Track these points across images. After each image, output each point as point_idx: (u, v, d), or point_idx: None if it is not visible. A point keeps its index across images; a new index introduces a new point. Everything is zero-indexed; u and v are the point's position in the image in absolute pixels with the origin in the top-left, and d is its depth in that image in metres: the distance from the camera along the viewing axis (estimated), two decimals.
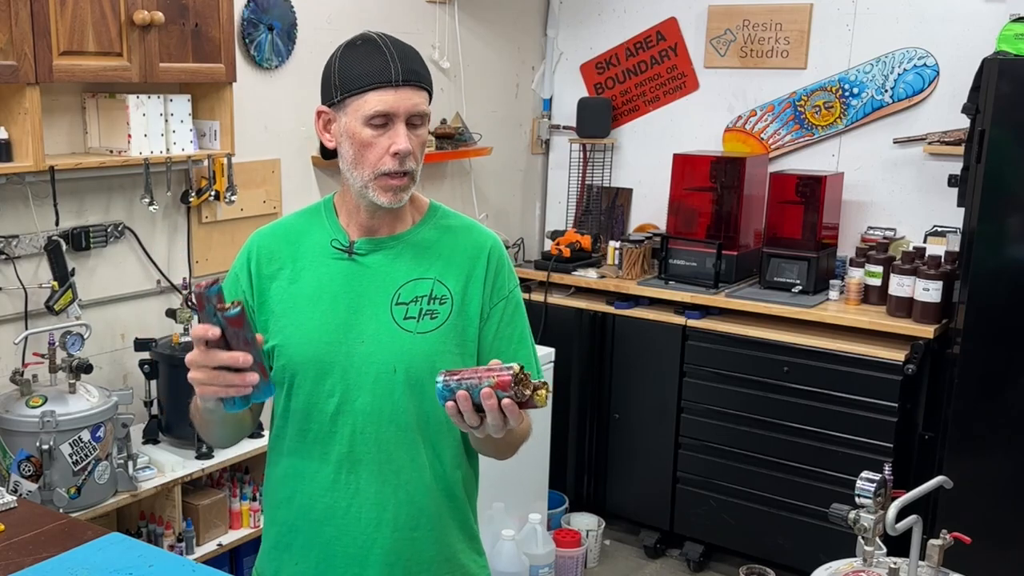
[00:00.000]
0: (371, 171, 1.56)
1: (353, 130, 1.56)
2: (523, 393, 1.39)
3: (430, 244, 1.66)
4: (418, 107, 1.56)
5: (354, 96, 1.55)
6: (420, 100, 1.57)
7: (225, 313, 1.36)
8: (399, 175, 1.56)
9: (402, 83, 1.54)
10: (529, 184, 4.81)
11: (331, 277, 1.63)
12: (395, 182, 1.56)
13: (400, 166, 1.55)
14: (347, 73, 1.57)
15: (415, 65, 1.58)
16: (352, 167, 1.58)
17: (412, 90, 1.55)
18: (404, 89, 1.54)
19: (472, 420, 1.42)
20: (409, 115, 1.55)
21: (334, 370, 1.60)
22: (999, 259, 3.26)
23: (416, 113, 1.56)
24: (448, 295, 1.63)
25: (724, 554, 4.02)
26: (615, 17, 4.55)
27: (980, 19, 3.69)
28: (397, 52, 1.56)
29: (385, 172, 1.55)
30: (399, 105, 1.54)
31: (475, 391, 1.40)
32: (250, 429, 1.75)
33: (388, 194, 1.57)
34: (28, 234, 2.72)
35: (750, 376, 3.75)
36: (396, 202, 1.58)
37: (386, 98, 1.53)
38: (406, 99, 1.54)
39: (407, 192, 1.59)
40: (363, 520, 1.62)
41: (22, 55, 2.39)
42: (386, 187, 1.56)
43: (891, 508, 1.92)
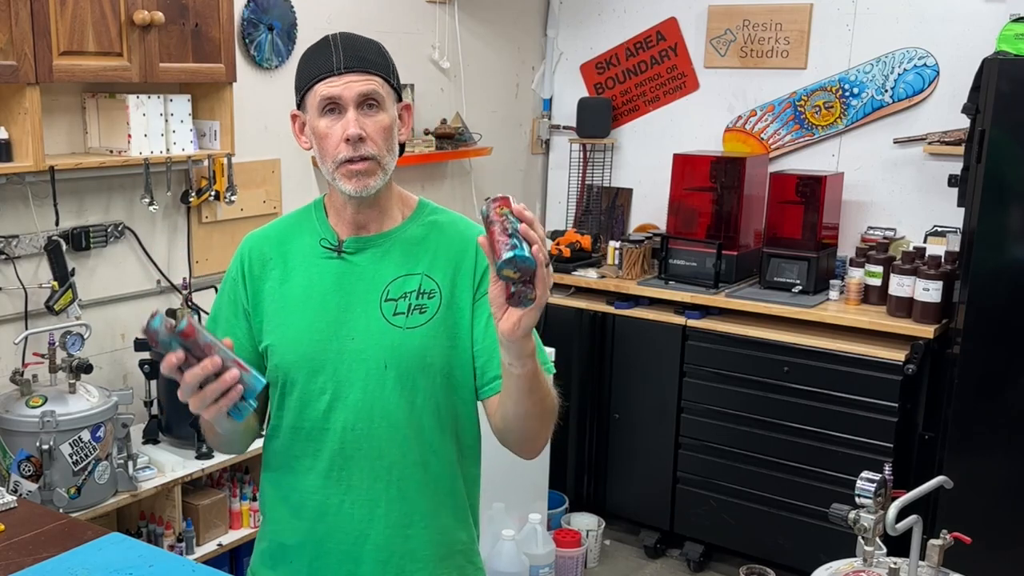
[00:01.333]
0: (332, 161, 1.58)
1: (313, 125, 1.59)
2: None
3: (418, 240, 1.66)
4: (365, 90, 1.56)
5: (308, 92, 1.59)
6: (368, 84, 1.57)
7: (175, 330, 1.37)
8: (357, 160, 1.56)
9: (344, 70, 1.56)
10: (529, 184, 4.81)
11: (321, 276, 1.64)
12: (354, 167, 1.56)
13: (355, 151, 1.56)
14: (301, 72, 1.62)
15: (362, 52, 1.59)
16: (320, 162, 1.62)
17: (357, 75, 1.57)
18: (348, 75, 1.56)
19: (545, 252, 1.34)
20: (357, 100, 1.56)
21: (325, 368, 1.61)
22: (999, 259, 3.26)
23: (365, 96, 1.57)
24: (436, 289, 1.63)
25: (724, 554, 4.02)
26: (615, 17, 4.55)
27: (980, 19, 3.69)
28: (343, 43, 1.59)
29: (344, 159, 1.57)
30: (344, 90, 1.56)
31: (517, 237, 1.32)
32: (260, 430, 1.77)
33: (352, 181, 1.57)
34: (28, 234, 2.72)
35: (750, 376, 3.75)
36: (361, 189, 1.57)
37: (331, 85, 1.56)
38: (351, 84, 1.56)
39: (373, 179, 1.58)
40: (355, 516, 1.62)
41: (22, 55, 2.39)
42: (348, 174, 1.57)
43: (891, 508, 1.92)
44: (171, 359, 1.38)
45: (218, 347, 1.41)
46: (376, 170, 1.58)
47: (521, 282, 1.33)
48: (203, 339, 1.39)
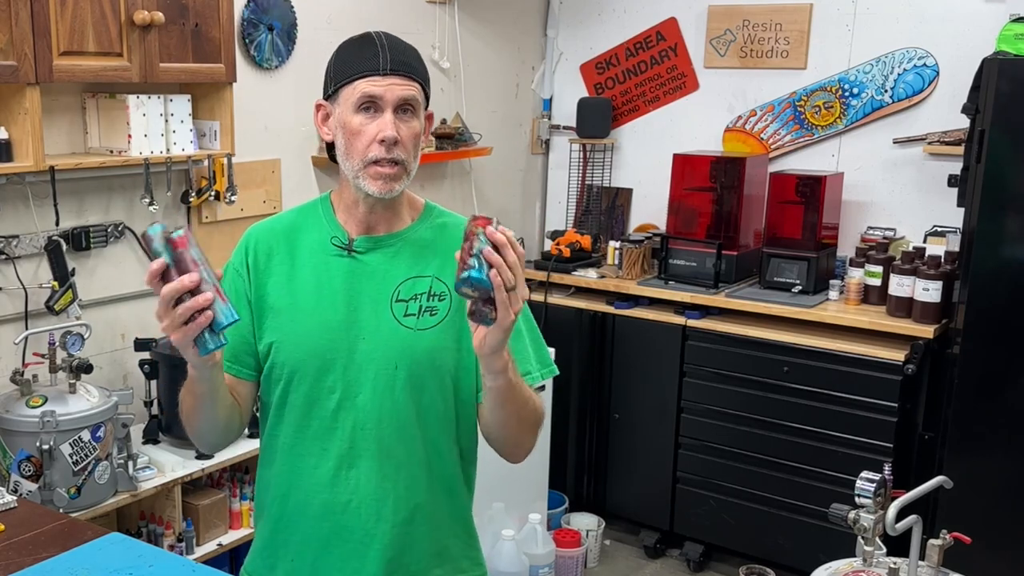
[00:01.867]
0: (360, 159, 1.57)
1: (344, 119, 1.58)
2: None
3: (428, 242, 1.67)
4: (406, 95, 1.57)
5: (345, 85, 1.58)
6: (409, 90, 1.57)
7: (169, 236, 1.35)
8: (388, 163, 1.56)
9: (390, 71, 1.56)
10: (529, 184, 4.81)
11: (330, 274, 1.64)
12: (384, 170, 1.56)
13: (387, 153, 1.56)
14: (340, 65, 1.61)
15: (407, 58, 1.59)
16: (345, 157, 1.60)
17: (400, 79, 1.57)
18: (392, 77, 1.56)
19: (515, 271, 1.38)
20: (397, 103, 1.56)
21: (335, 366, 1.61)
22: (999, 259, 3.26)
23: (404, 101, 1.57)
24: (447, 292, 1.63)
25: (724, 554, 4.02)
26: (615, 17, 4.55)
27: (980, 19, 3.69)
28: (389, 44, 1.59)
29: (373, 160, 1.56)
30: (386, 92, 1.56)
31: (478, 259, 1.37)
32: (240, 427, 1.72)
33: (378, 182, 1.57)
34: (28, 234, 2.72)
35: (750, 376, 3.75)
36: (387, 191, 1.58)
37: (373, 85, 1.56)
38: (394, 87, 1.56)
39: (398, 183, 1.59)
40: (362, 515, 1.62)
41: (22, 55, 2.39)
42: (375, 175, 1.57)
43: (891, 508, 1.92)
44: (153, 266, 1.36)
45: (204, 267, 1.38)
46: (402, 175, 1.59)
47: (480, 300, 1.40)
48: (191, 254, 1.37)
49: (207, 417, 1.64)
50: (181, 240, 1.37)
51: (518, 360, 1.68)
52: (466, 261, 1.39)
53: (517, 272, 1.40)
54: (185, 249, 1.37)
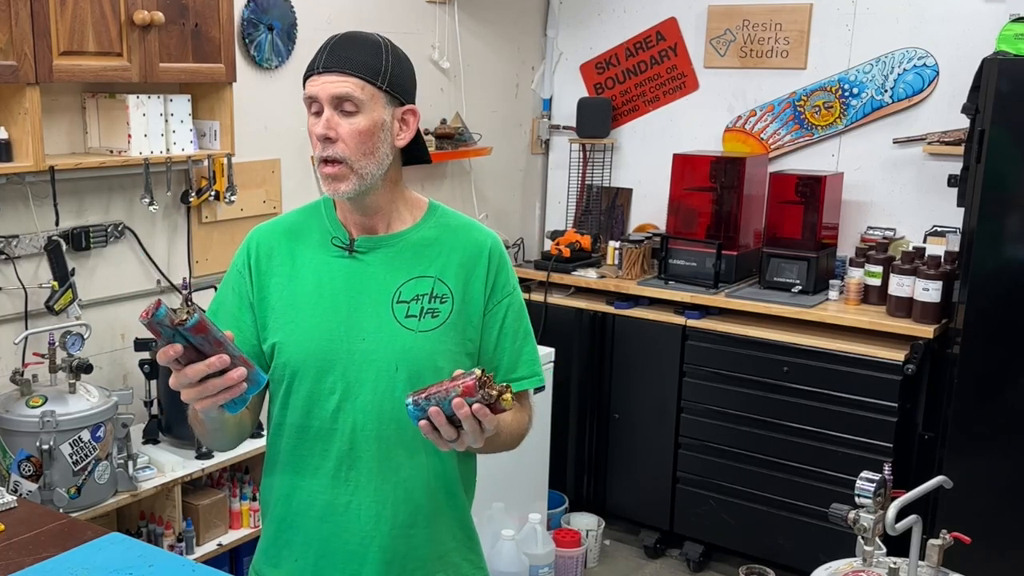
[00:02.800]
0: (314, 159, 1.60)
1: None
2: (490, 395, 1.39)
3: (430, 243, 1.66)
4: (338, 92, 1.55)
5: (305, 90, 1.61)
6: (343, 86, 1.55)
7: (184, 326, 1.34)
8: (329, 162, 1.57)
9: (323, 70, 1.57)
10: (529, 184, 4.81)
11: (332, 274, 1.63)
12: (327, 169, 1.57)
13: (323, 151, 1.56)
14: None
15: (350, 53, 1.57)
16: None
17: (335, 75, 1.56)
18: (326, 75, 1.56)
19: (449, 433, 1.42)
20: (331, 101, 1.56)
21: (335, 367, 1.60)
22: (999, 259, 3.26)
23: (338, 98, 1.55)
24: (449, 294, 1.63)
25: (724, 554, 4.02)
26: (615, 17, 4.55)
27: (980, 19, 3.69)
28: (336, 43, 1.59)
29: (319, 158, 1.58)
30: (319, 90, 1.56)
31: (445, 403, 1.40)
32: (251, 429, 1.75)
33: (327, 184, 1.59)
34: (28, 234, 2.72)
35: (750, 376, 3.75)
36: (333, 192, 1.59)
37: (312, 84, 1.57)
38: (327, 84, 1.56)
39: (343, 183, 1.57)
40: (362, 517, 1.62)
41: (22, 55, 2.39)
42: (323, 176, 1.59)
43: (891, 508, 1.92)
44: (170, 352, 1.36)
45: (227, 344, 1.40)
46: (348, 174, 1.57)
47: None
48: (213, 335, 1.38)
49: (218, 437, 1.69)
50: (202, 326, 1.36)
51: (524, 363, 1.69)
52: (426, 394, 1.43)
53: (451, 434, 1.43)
54: (206, 333, 1.36)
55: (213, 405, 1.42)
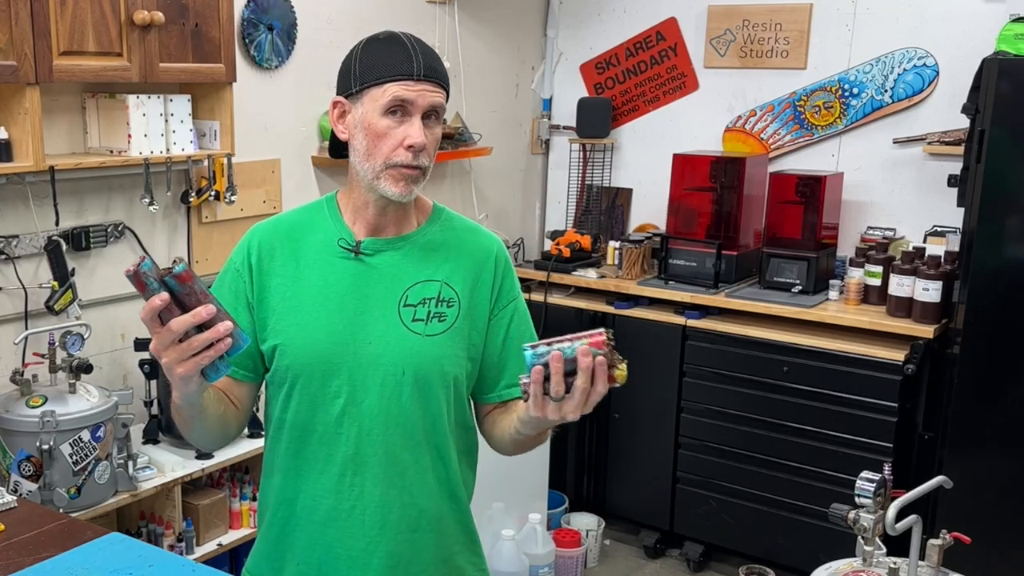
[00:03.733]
0: (383, 161, 1.55)
1: (369, 120, 1.55)
2: (615, 357, 1.36)
3: (437, 246, 1.65)
4: (436, 103, 1.56)
5: (374, 86, 1.55)
6: (439, 97, 1.57)
7: (171, 273, 1.32)
8: (411, 168, 1.55)
9: (423, 77, 1.55)
10: (529, 184, 4.81)
11: (337, 276, 1.61)
12: (408, 172, 1.55)
13: (413, 159, 1.55)
14: (368, 64, 1.56)
15: (436, 63, 1.58)
16: (364, 158, 1.57)
17: (431, 85, 1.56)
18: (424, 83, 1.55)
19: (558, 388, 1.38)
20: (427, 109, 1.56)
21: (341, 371, 1.58)
22: (999, 259, 3.26)
23: (434, 108, 1.56)
24: (456, 298, 1.62)
25: (724, 554, 4.02)
26: (615, 17, 4.55)
27: (980, 19, 3.69)
28: (421, 49, 1.57)
29: (398, 163, 1.55)
30: (418, 97, 1.54)
31: (569, 350, 1.36)
32: (236, 431, 1.72)
33: (400, 184, 1.55)
34: (28, 234, 2.72)
35: (750, 376, 3.75)
36: (406, 194, 1.57)
37: (406, 89, 1.54)
38: (426, 93, 1.55)
39: (418, 185, 1.58)
40: (367, 522, 1.61)
41: (22, 55, 2.39)
42: (397, 176, 1.55)
43: (891, 508, 1.92)
44: (155, 302, 1.32)
45: (212, 297, 1.37)
46: (421, 179, 1.58)
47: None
48: (198, 285, 1.35)
49: (198, 429, 1.63)
50: (187, 274, 1.33)
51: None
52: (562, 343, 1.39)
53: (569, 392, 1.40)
54: (192, 282, 1.34)
55: (195, 368, 1.37)
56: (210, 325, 1.35)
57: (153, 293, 1.32)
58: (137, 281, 1.33)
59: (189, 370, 1.37)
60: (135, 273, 1.31)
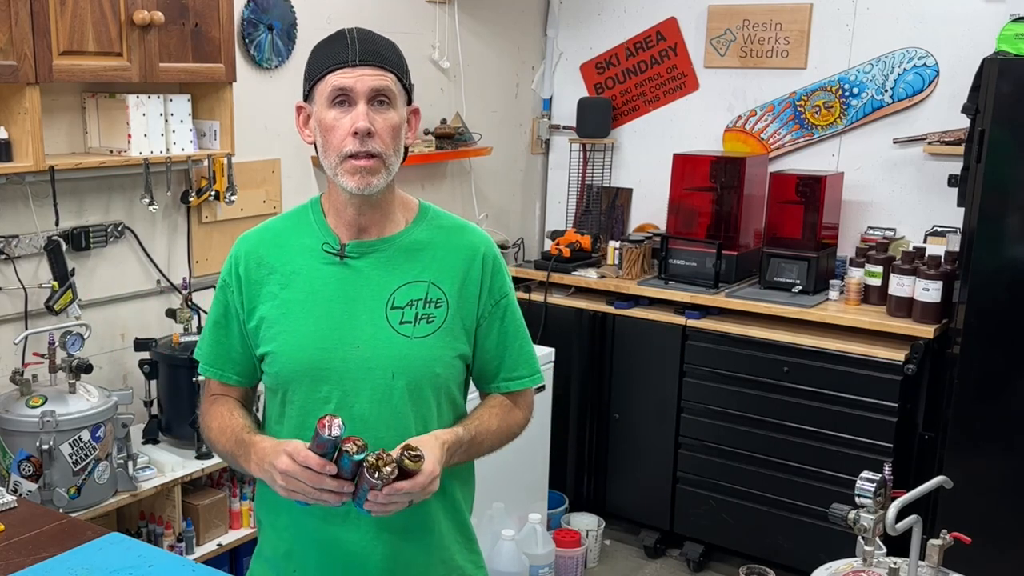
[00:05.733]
0: (336, 155, 1.54)
1: (319, 116, 1.56)
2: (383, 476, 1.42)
3: (423, 246, 1.64)
4: (378, 85, 1.54)
5: (318, 82, 1.56)
6: (382, 80, 1.55)
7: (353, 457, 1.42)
8: (363, 156, 1.53)
9: (359, 62, 1.54)
10: (529, 184, 4.81)
11: (323, 282, 1.61)
12: (360, 163, 1.53)
13: (361, 146, 1.52)
14: (313, 62, 1.59)
15: (379, 48, 1.57)
16: (323, 155, 1.57)
17: (371, 68, 1.54)
18: (361, 67, 1.54)
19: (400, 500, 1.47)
20: (370, 94, 1.54)
21: (330, 376, 1.58)
22: (999, 259, 3.26)
23: (378, 91, 1.54)
24: (443, 298, 1.61)
25: (724, 554, 4.02)
26: (615, 17, 4.55)
27: (980, 19, 3.69)
28: (359, 36, 1.57)
29: (349, 154, 1.53)
30: (356, 83, 1.53)
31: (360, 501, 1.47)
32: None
33: (355, 178, 1.53)
34: (28, 234, 2.72)
35: (750, 376, 3.75)
36: (364, 186, 1.54)
37: (344, 76, 1.53)
38: (364, 77, 1.53)
39: (376, 177, 1.55)
40: (363, 525, 1.61)
41: (22, 55, 2.39)
42: (351, 170, 1.53)
43: (891, 508, 1.92)
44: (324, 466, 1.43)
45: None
46: (380, 169, 1.55)
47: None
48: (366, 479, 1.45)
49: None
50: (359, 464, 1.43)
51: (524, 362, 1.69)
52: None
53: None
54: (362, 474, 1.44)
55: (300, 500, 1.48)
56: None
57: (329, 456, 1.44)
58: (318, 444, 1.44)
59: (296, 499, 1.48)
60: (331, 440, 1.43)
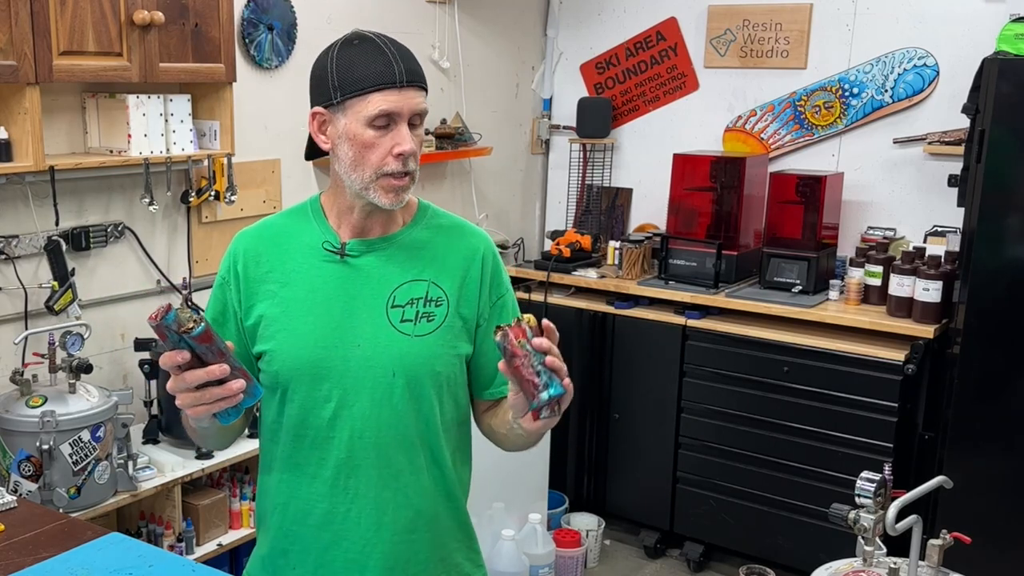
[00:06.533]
0: (373, 172, 1.54)
1: (354, 131, 1.53)
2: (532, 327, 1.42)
3: (423, 245, 1.64)
4: (420, 107, 1.56)
5: (356, 97, 1.52)
6: (421, 100, 1.56)
7: (191, 334, 1.36)
8: (401, 175, 1.55)
9: (406, 84, 1.53)
10: (529, 184, 4.81)
11: (324, 280, 1.61)
12: (397, 182, 1.55)
13: (403, 167, 1.54)
14: (347, 74, 1.53)
15: (415, 65, 1.57)
16: (351, 168, 1.55)
17: (414, 91, 1.55)
18: (407, 90, 1.53)
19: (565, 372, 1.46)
20: (413, 116, 1.55)
21: (330, 375, 1.58)
22: (999, 259, 3.26)
23: (418, 113, 1.56)
24: (443, 297, 1.61)
25: (724, 554, 4.02)
26: (615, 17, 4.55)
27: (980, 19, 3.69)
28: (398, 52, 1.55)
29: (388, 172, 1.54)
30: (403, 105, 1.52)
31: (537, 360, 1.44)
32: (242, 431, 1.75)
33: (391, 195, 1.55)
34: (28, 234, 2.72)
35: (750, 376, 3.75)
36: (397, 203, 1.57)
37: (390, 99, 1.51)
38: (409, 99, 1.53)
39: (407, 192, 1.58)
40: (363, 525, 1.61)
41: (22, 55, 2.39)
42: (388, 188, 1.55)
43: (891, 508, 1.92)
44: (175, 357, 1.37)
45: (228, 354, 1.41)
46: (411, 184, 1.58)
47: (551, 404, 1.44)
48: (217, 345, 1.39)
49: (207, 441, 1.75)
50: (207, 336, 1.37)
51: None
52: (532, 383, 1.43)
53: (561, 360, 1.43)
54: (211, 343, 1.38)
55: (207, 413, 1.42)
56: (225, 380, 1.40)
57: (172, 344, 1.38)
58: (158, 332, 1.37)
59: (200, 414, 1.43)
60: (157, 325, 1.36)
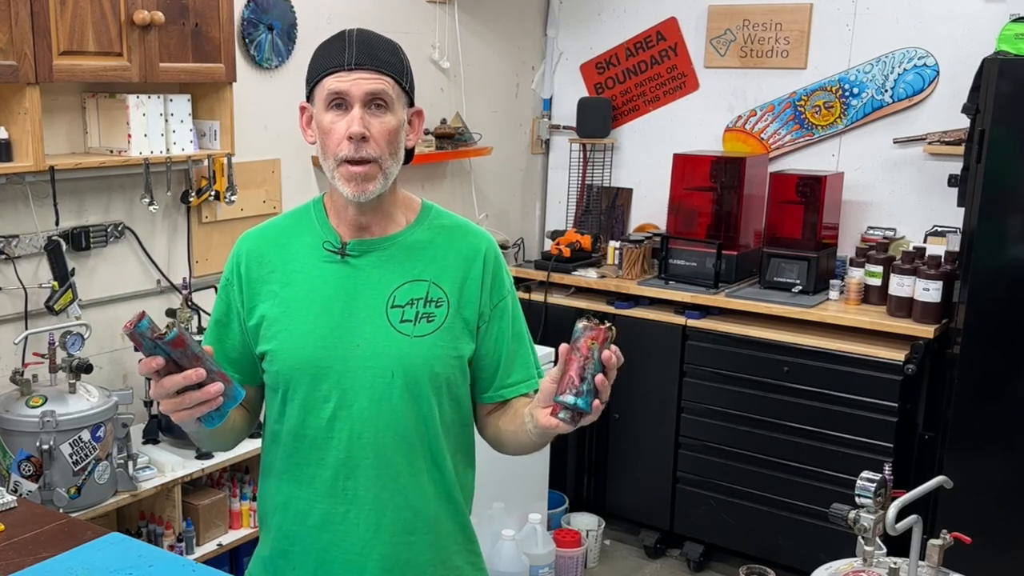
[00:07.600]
0: (333, 159, 1.55)
1: (318, 118, 1.57)
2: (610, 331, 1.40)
3: (424, 245, 1.64)
4: (373, 88, 1.53)
5: (317, 84, 1.56)
6: (377, 83, 1.54)
7: (163, 340, 1.37)
8: (358, 162, 1.53)
9: (355, 66, 1.53)
10: (529, 184, 4.81)
11: (324, 280, 1.61)
12: (355, 169, 1.53)
13: (356, 151, 1.52)
14: (312, 64, 1.59)
15: (376, 51, 1.56)
16: (322, 159, 1.58)
17: (367, 72, 1.54)
18: (358, 71, 1.53)
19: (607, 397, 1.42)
20: (364, 98, 1.53)
21: (330, 375, 1.58)
22: (999, 259, 3.26)
23: (373, 95, 1.54)
24: (444, 297, 1.61)
25: (724, 554, 4.02)
26: (615, 17, 4.55)
27: (980, 19, 3.69)
28: (358, 39, 1.56)
29: (344, 158, 1.53)
30: (352, 87, 1.53)
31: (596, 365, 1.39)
32: (249, 430, 1.74)
33: (351, 184, 1.54)
34: (28, 234, 2.72)
35: (750, 376, 3.75)
36: (359, 193, 1.54)
37: (339, 80, 1.53)
38: (360, 81, 1.53)
39: (372, 183, 1.55)
40: (362, 525, 1.61)
41: (22, 55, 2.39)
42: (347, 176, 1.54)
43: (891, 508, 1.92)
44: (151, 364, 1.38)
45: (204, 358, 1.41)
46: (376, 174, 1.54)
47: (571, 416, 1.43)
48: (191, 350, 1.39)
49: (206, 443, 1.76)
50: (179, 341, 1.38)
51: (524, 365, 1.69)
52: (570, 381, 1.40)
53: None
54: (184, 348, 1.39)
55: (190, 418, 1.44)
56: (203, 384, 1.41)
57: (149, 351, 1.39)
58: (133, 339, 1.39)
59: (183, 419, 1.45)
60: (131, 333, 1.38)
